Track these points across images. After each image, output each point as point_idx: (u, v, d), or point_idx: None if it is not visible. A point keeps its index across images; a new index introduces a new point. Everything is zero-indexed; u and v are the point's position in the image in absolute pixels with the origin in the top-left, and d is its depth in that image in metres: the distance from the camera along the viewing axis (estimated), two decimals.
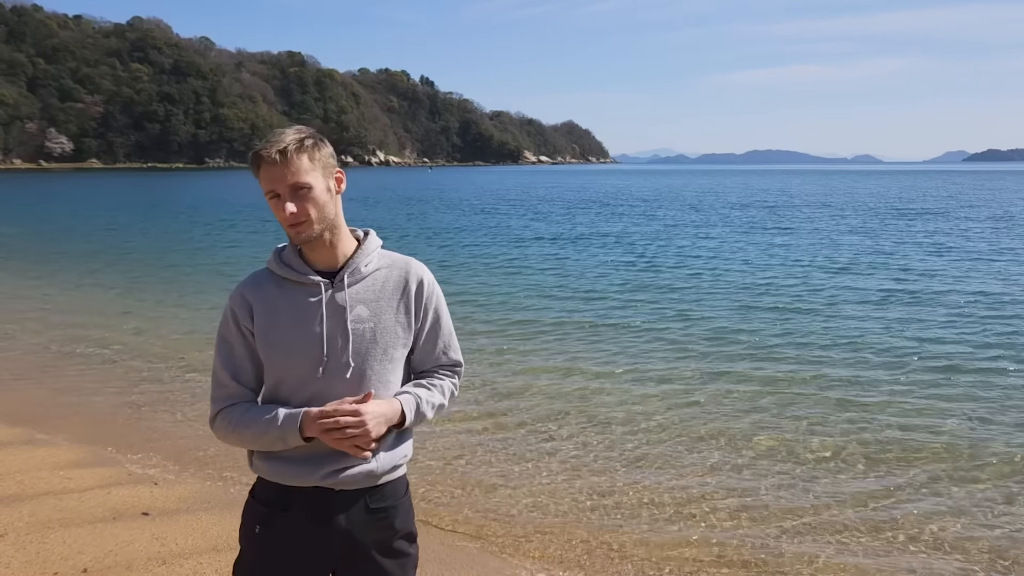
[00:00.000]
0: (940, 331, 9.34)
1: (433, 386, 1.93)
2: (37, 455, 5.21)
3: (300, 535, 1.81)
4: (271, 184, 1.76)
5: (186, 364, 8.00)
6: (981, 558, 4.04)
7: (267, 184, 1.77)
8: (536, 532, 4.31)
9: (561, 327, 9.75)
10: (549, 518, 4.48)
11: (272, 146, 1.75)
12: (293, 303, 1.83)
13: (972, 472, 5.13)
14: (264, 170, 1.76)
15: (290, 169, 1.75)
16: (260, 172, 1.77)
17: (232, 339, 1.85)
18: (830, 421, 6.13)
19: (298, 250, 1.87)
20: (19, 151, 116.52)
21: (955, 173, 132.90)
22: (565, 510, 4.59)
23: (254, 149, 1.78)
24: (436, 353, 1.96)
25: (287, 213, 1.76)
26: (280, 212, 1.78)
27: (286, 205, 1.75)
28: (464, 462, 5.34)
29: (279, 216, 1.79)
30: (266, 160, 1.75)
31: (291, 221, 1.76)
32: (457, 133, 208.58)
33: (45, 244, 20.58)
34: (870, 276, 13.93)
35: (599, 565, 3.97)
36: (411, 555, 1.93)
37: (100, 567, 3.61)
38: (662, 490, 4.86)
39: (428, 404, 1.89)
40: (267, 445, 1.80)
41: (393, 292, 1.88)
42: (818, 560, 4.00)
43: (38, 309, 11.18)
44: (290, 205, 1.75)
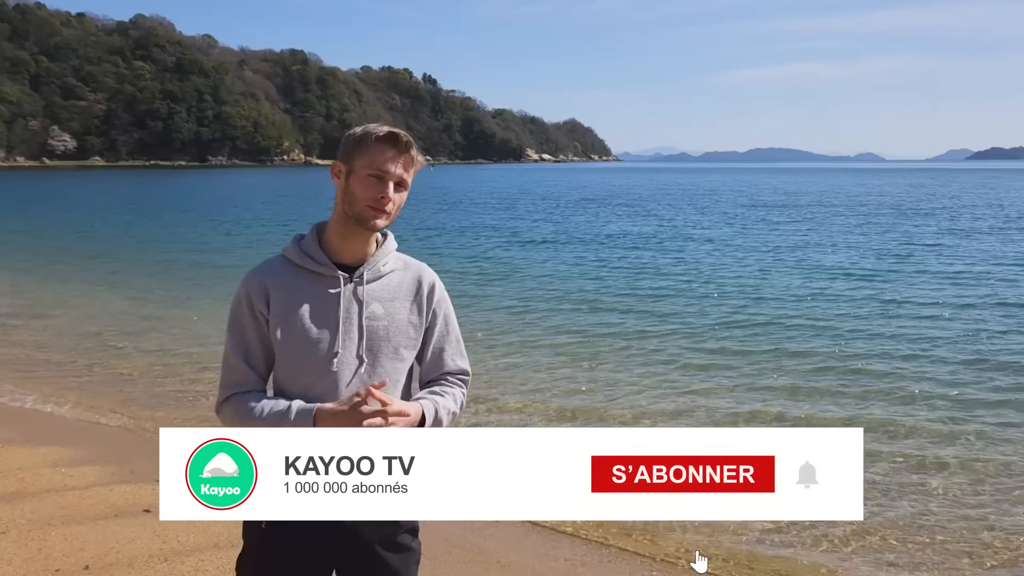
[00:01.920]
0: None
1: (447, 393, 1.94)
2: (39, 452, 5.20)
3: (305, 530, 1.80)
4: (386, 164, 1.78)
5: (190, 361, 8.00)
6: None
7: (379, 162, 1.78)
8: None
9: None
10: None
11: (403, 135, 1.80)
12: (311, 293, 1.84)
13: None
14: (385, 150, 1.78)
15: (408, 162, 1.81)
16: (377, 149, 1.78)
17: (245, 323, 1.85)
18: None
19: (318, 241, 1.88)
20: (22, 149, 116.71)
21: (962, 171, 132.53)
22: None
23: (376, 128, 1.81)
24: (444, 359, 1.97)
25: (384, 197, 1.78)
26: (374, 191, 1.78)
27: (389, 188, 1.78)
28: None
29: (368, 194, 1.79)
30: (398, 143, 1.79)
31: (382, 205, 1.79)
32: (459, 131, 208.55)
33: (49, 242, 20.62)
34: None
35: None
36: (414, 550, 1.93)
37: (102, 564, 3.61)
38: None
39: (446, 410, 1.90)
40: None
41: (407, 294, 1.91)
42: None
43: (50, 306, 11.20)
44: (391, 190, 1.78)
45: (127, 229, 24.23)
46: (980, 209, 31.78)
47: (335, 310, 1.83)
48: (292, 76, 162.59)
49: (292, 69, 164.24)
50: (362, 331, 1.83)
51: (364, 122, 2.03)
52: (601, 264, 15.57)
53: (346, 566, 1.87)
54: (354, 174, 1.81)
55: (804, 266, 14.97)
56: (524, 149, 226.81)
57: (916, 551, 4.07)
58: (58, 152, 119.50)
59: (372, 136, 1.80)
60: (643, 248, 18.47)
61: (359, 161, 1.80)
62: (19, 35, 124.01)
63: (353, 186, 1.81)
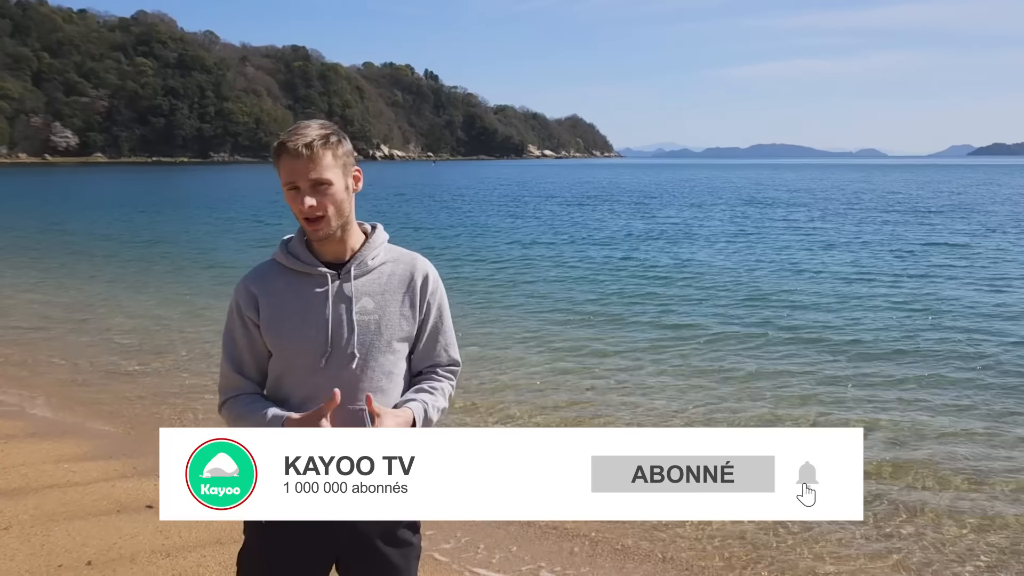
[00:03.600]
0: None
1: (435, 390, 1.94)
2: (42, 448, 5.22)
3: (305, 525, 1.82)
4: (292, 176, 1.76)
5: (194, 357, 8.02)
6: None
7: (288, 176, 1.77)
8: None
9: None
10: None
11: (298, 139, 1.75)
12: (299, 293, 1.85)
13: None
14: (287, 161, 1.76)
15: (313, 164, 1.75)
16: (282, 163, 1.77)
17: (235, 331, 1.88)
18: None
19: (305, 241, 1.89)
20: (24, 145, 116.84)
21: (965, 167, 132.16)
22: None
23: (279, 139, 1.78)
24: (437, 350, 1.98)
25: (305, 206, 1.76)
26: (297, 204, 1.78)
27: (304, 199, 1.76)
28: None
29: (295, 208, 1.79)
30: (291, 152, 1.75)
31: (308, 215, 1.77)
32: (461, 127, 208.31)
33: (53, 240, 20.65)
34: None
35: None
36: (414, 544, 1.94)
37: (104, 559, 3.62)
38: None
39: (435, 409, 1.91)
40: None
41: (398, 286, 1.90)
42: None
43: (52, 302, 11.22)
44: (309, 199, 1.76)
45: (141, 225, 24.26)
46: (993, 206, 31.35)
47: (324, 308, 1.84)
48: (294, 72, 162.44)
49: (294, 65, 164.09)
50: (353, 327, 1.83)
51: (366, 118, 2.03)
52: (603, 263, 15.52)
53: (346, 561, 1.88)
54: (282, 188, 1.82)
55: (808, 266, 14.91)
56: (526, 145, 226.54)
57: (917, 551, 4.07)
58: (60, 149, 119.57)
59: (274, 152, 1.78)
60: (646, 248, 18.43)
61: (279, 175, 1.80)
62: (21, 31, 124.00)
63: (287, 200, 1.82)
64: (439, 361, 1.98)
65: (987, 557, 4.00)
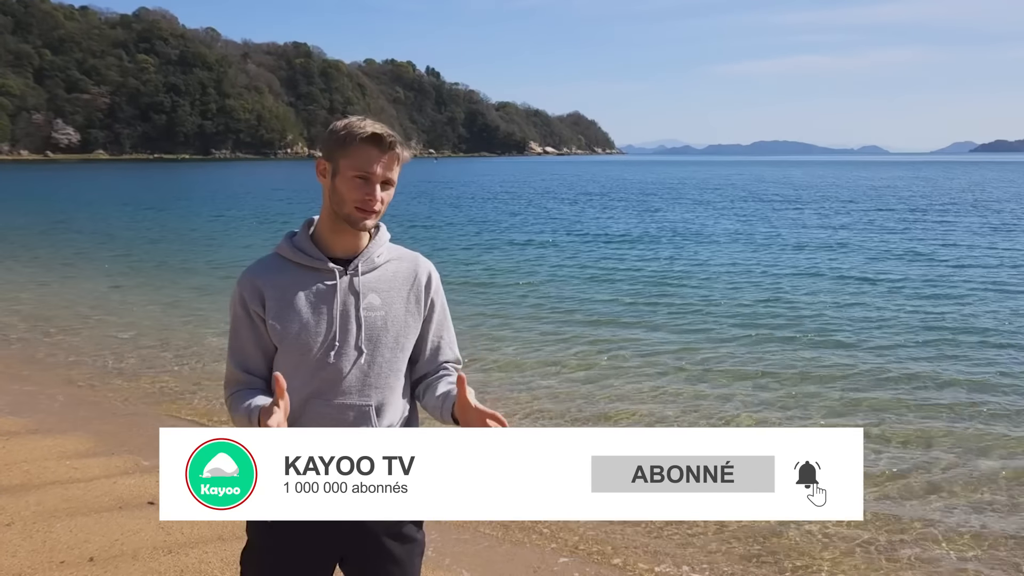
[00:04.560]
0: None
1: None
2: (44, 445, 5.23)
3: (310, 524, 1.81)
4: (370, 165, 1.76)
5: (195, 353, 8.02)
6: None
7: (365, 163, 1.76)
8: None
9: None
10: None
11: (390, 134, 1.77)
12: (307, 288, 1.84)
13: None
14: (368, 150, 1.76)
15: (392, 161, 1.79)
16: (361, 150, 1.76)
17: (240, 325, 1.87)
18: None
19: (311, 236, 1.88)
20: (26, 142, 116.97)
21: (968, 164, 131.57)
22: None
23: (360, 126, 1.76)
24: (442, 348, 1.98)
25: (371, 198, 1.77)
26: (360, 193, 1.77)
27: (376, 190, 1.77)
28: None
29: (354, 195, 1.77)
30: (382, 143, 1.76)
31: (370, 207, 1.78)
32: (463, 124, 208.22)
33: (56, 239, 20.67)
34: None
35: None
36: (418, 540, 1.95)
37: (106, 556, 3.63)
38: None
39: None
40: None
41: (403, 283, 1.91)
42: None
43: (55, 299, 11.24)
44: (378, 191, 1.78)
45: (146, 222, 24.27)
46: (1002, 204, 31.08)
47: (332, 303, 1.84)
48: (295, 69, 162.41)
49: (295, 62, 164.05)
50: (360, 322, 1.84)
51: (368, 114, 2.02)
52: (606, 262, 15.49)
53: (351, 556, 1.89)
54: (339, 174, 1.79)
55: (812, 266, 14.86)
56: (527, 142, 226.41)
57: (918, 552, 4.07)
58: (62, 145, 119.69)
59: (356, 136, 1.76)
60: (650, 246, 18.38)
61: (344, 161, 1.78)
62: (23, 28, 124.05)
63: (339, 186, 1.79)
64: (446, 358, 1.98)
65: (989, 556, 4.00)
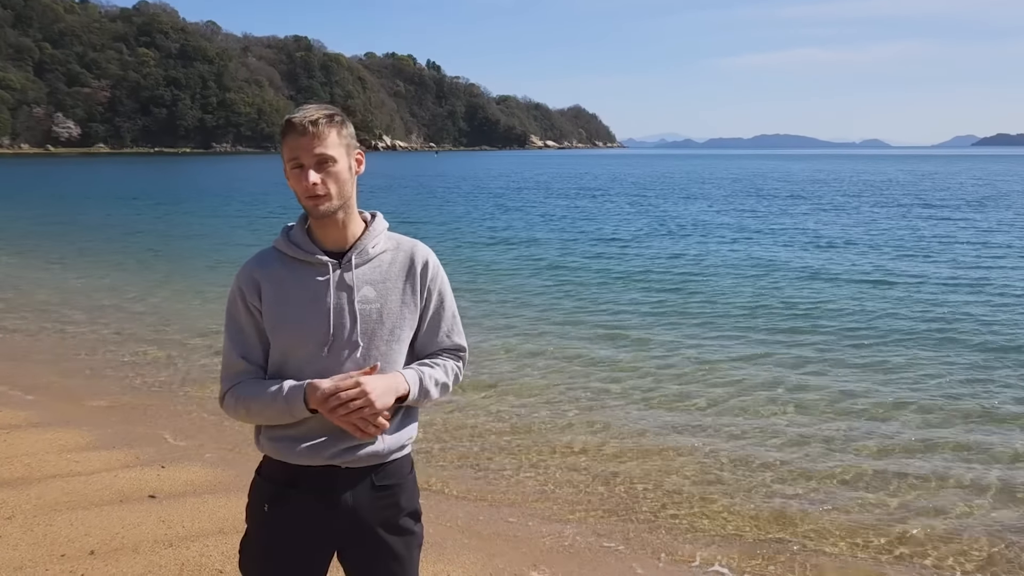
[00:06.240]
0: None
1: (436, 364, 1.93)
2: (44, 438, 5.23)
3: (307, 513, 1.83)
4: (296, 152, 1.77)
5: (196, 347, 8.02)
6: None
7: (292, 152, 1.78)
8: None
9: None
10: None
11: (304, 116, 1.77)
12: (301, 282, 1.84)
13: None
14: (292, 138, 1.77)
15: (318, 140, 1.76)
16: (287, 140, 1.79)
17: (240, 318, 1.86)
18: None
19: (306, 229, 1.88)
20: (26, 136, 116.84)
21: (970, 158, 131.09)
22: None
23: (286, 117, 1.80)
24: (440, 336, 1.97)
25: (309, 183, 1.76)
26: (301, 182, 1.78)
27: (308, 174, 1.76)
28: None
29: (298, 187, 1.79)
30: (297, 128, 1.76)
31: (311, 192, 1.77)
32: (463, 118, 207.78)
33: (56, 233, 20.67)
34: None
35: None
36: (416, 533, 1.95)
37: (107, 549, 3.63)
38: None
39: (432, 380, 1.89)
40: (273, 418, 1.81)
41: (399, 274, 1.90)
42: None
43: (55, 295, 11.24)
44: (313, 175, 1.77)
45: (150, 217, 24.25)
46: (1011, 199, 30.73)
47: (326, 297, 1.83)
48: (296, 63, 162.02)
49: (296, 56, 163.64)
50: (355, 316, 1.83)
51: (368, 108, 2.02)
52: (608, 261, 15.36)
53: (348, 548, 1.88)
54: (286, 171, 1.82)
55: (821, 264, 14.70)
56: (528, 136, 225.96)
57: (922, 551, 4.06)
58: (62, 139, 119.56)
59: (285, 125, 1.79)
60: (656, 245, 18.24)
61: (283, 155, 1.81)
62: (23, 22, 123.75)
63: (289, 183, 1.83)
64: (443, 346, 1.97)
65: (990, 555, 3.99)
